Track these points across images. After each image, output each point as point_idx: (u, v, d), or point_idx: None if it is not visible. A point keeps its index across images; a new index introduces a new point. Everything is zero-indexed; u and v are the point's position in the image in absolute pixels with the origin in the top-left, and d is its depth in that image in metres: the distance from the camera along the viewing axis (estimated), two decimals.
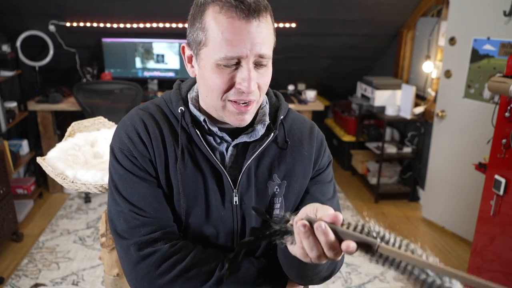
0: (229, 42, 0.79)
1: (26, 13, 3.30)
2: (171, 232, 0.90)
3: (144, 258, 0.86)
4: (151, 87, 3.80)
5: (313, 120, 4.46)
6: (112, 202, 0.91)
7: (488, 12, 2.66)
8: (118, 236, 0.89)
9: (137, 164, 0.90)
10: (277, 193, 0.95)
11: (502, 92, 1.84)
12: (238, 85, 0.82)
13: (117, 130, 0.94)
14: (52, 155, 1.50)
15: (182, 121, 0.91)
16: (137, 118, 0.93)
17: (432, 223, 3.29)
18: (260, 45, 0.80)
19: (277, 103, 1.00)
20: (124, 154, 0.90)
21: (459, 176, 3.01)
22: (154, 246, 0.87)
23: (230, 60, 0.80)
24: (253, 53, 0.80)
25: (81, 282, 2.49)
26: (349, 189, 3.88)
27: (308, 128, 1.01)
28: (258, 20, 0.79)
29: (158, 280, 0.86)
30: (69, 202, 3.45)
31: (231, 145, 0.93)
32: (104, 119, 1.83)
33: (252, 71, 0.81)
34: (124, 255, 0.89)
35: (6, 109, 3.13)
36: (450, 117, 3.02)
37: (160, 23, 3.50)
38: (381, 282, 2.57)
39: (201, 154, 0.91)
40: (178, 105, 0.92)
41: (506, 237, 1.98)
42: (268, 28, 0.82)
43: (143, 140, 0.90)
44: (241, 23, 0.78)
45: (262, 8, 0.80)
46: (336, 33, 3.72)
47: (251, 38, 0.79)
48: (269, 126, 0.95)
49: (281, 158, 0.95)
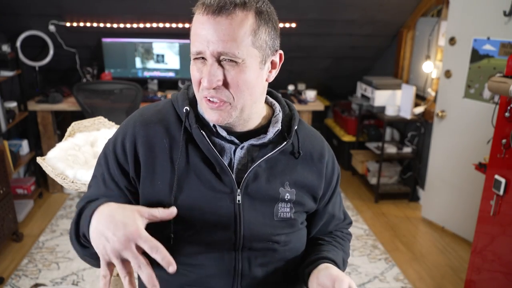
0: (194, 37, 0.83)
1: (26, 13, 3.30)
2: None
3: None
4: (151, 87, 3.80)
5: (313, 120, 4.47)
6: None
7: (488, 12, 2.66)
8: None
9: (111, 173, 0.93)
10: (287, 200, 0.95)
11: (502, 92, 1.84)
12: (202, 80, 0.84)
13: (114, 134, 0.97)
14: (52, 155, 1.51)
15: (185, 121, 0.91)
16: (131, 125, 0.94)
17: (432, 223, 3.29)
18: (221, 42, 0.79)
19: (290, 113, 1.01)
20: (107, 158, 0.94)
21: (459, 176, 3.01)
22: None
23: (195, 55, 0.83)
24: (211, 49, 0.80)
25: (81, 282, 2.49)
26: (349, 189, 3.88)
27: (319, 146, 1.03)
28: (225, 17, 0.79)
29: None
30: (69, 202, 3.45)
31: (239, 147, 0.93)
32: (104, 119, 1.83)
33: (212, 66, 0.81)
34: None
35: (6, 109, 3.13)
36: (450, 117, 3.02)
37: (160, 23, 3.50)
38: (381, 282, 2.57)
39: (201, 155, 0.91)
40: (184, 105, 0.92)
41: (506, 237, 1.98)
42: (239, 26, 0.80)
43: (126, 151, 0.92)
44: (205, 18, 0.80)
45: (230, 6, 0.79)
46: (336, 33, 3.72)
47: (210, 34, 0.79)
48: (283, 134, 0.96)
49: (293, 168, 0.97)
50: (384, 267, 2.71)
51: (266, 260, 0.96)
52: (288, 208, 0.95)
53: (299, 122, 1.01)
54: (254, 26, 0.82)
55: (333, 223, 1.11)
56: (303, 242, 1.03)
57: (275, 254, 0.96)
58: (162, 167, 0.91)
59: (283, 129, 0.97)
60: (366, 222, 3.29)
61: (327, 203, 1.07)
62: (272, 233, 0.94)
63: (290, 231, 0.98)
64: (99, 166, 0.97)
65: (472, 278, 2.16)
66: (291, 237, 0.98)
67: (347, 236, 1.15)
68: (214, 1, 0.79)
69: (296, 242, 1.00)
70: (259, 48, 0.84)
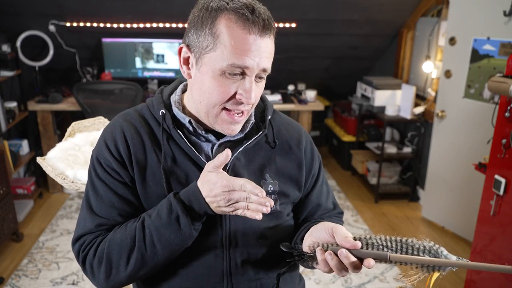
0: (240, 51, 0.81)
1: (26, 13, 3.30)
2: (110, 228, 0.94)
3: (83, 260, 0.92)
4: (151, 87, 3.80)
5: (313, 120, 4.46)
6: (81, 207, 0.96)
7: (488, 12, 2.66)
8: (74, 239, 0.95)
9: (110, 172, 0.92)
10: (270, 192, 0.97)
11: (502, 92, 1.84)
12: (239, 95, 0.85)
13: (99, 138, 0.97)
14: (52, 155, 1.51)
15: (163, 123, 0.93)
16: (117, 126, 0.95)
17: (432, 223, 3.29)
18: (266, 60, 0.85)
19: (262, 104, 1.03)
20: (100, 162, 0.93)
21: (459, 176, 3.01)
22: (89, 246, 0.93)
23: (236, 68, 0.82)
24: (260, 66, 0.84)
25: (81, 282, 2.49)
26: (349, 189, 3.88)
27: (296, 133, 1.04)
28: (268, 37, 0.84)
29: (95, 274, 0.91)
30: (69, 202, 3.45)
31: (216, 144, 0.95)
32: (104, 119, 1.83)
33: (253, 83, 0.85)
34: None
35: (6, 109, 3.13)
36: (450, 117, 3.02)
37: (160, 23, 3.50)
38: (381, 282, 2.57)
39: (184, 154, 0.93)
40: (159, 108, 0.95)
41: (506, 237, 1.98)
42: (273, 45, 0.87)
43: (119, 149, 0.92)
44: (255, 37, 0.82)
45: (272, 26, 0.85)
46: (336, 33, 3.72)
47: (261, 52, 0.83)
48: (258, 125, 0.98)
49: (271, 159, 0.99)
50: (384, 267, 2.71)
51: (254, 255, 0.97)
52: (273, 200, 0.96)
53: (274, 113, 1.04)
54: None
55: (319, 213, 1.09)
56: (291, 234, 1.03)
57: (263, 248, 0.97)
58: (151, 169, 0.92)
59: (257, 121, 0.99)
60: (366, 222, 3.29)
61: (310, 191, 1.07)
62: (259, 227, 0.95)
63: (277, 223, 0.98)
64: (92, 179, 0.95)
65: (472, 278, 2.16)
66: (278, 229, 0.99)
67: (339, 221, 1.12)
68: (260, 21, 0.82)
69: (283, 235, 1.00)
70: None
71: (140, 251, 0.87)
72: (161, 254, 0.87)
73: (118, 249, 0.88)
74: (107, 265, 0.88)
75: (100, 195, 0.92)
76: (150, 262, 0.88)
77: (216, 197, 0.83)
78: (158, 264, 0.89)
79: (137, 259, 0.87)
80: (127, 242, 0.87)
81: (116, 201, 0.92)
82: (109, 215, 0.92)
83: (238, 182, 0.82)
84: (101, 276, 0.89)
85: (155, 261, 0.88)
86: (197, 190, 0.85)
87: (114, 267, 0.88)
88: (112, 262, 0.88)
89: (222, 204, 0.83)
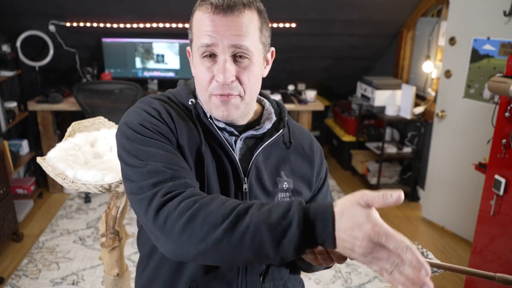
0: (201, 32, 0.84)
1: (26, 13, 3.30)
2: (191, 187, 0.80)
3: (162, 204, 0.76)
4: (151, 87, 3.80)
5: (313, 120, 4.46)
6: (127, 168, 0.84)
7: (488, 12, 2.66)
8: (133, 194, 0.81)
9: (158, 132, 0.85)
10: (285, 189, 0.98)
11: (502, 92, 1.84)
12: (216, 76, 0.85)
13: (133, 110, 0.90)
14: (52, 155, 1.50)
15: (194, 111, 0.93)
16: (154, 102, 0.92)
17: (432, 223, 3.29)
18: (236, 36, 0.83)
19: (278, 107, 1.05)
20: (144, 126, 0.85)
21: (459, 176, 3.01)
22: (172, 194, 0.77)
23: (203, 49, 0.84)
24: (228, 43, 0.83)
25: (81, 282, 2.49)
26: (349, 189, 3.88)
27: (308, 137, 1.07)
28: (237, 14, 0.83)
29: (179, 221, 0.73)
30: (69, 202, 3.45)
31: (239, 138, 0.96)
32: (104, 119, 1.83)
33: (227, 62, 0.84)
34: (140, 211, 0.79)
35: (6, 109, 3.13)
36: (450, 117, 3.02)
37: (160, 23, 3.50)
38: (381, 282, 2.57)
39: (215, 142, 0.93)
40: (188, 98, 0.95)
41: (506, 237, 1.98)
42: (249, 23, 0.85)
43: (164, 118, 0.88)
44: (214, 16, 0.83)
45: (239, 4, 0.84)
46: (336, 33, 3.72)
47: (223, 30, 0.83)
48: (275, 126, 1.00)
49: (286, 158, 1.00)
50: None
51: None
52: (287, 198, 0.98)
53: (288, 118, 1.06)
54: (259, 24, 0.88)
55: None
56: None
57: None
58: (189, 148, 0.89)
59: (275, 121, 1.01)
60: None
61: (315, 194, 1.08)
62: None
63: None
64: (134, 139, 0.84)
65: (472, 278, 2.16)
66: None
67: None
68: (222, 1, 0.83)
69: None
70: (263, 44, 0.90)
71: (225, 233, 0.69)
72: (240, 250, 0.69)
73: (204, 216, 0.72)
74: (186, 225, 0.72)
75: (151, 151, 0.83)
76: (221, 251, 0.71)
77: (355, 240, 0.63)
78: (224, 260, 0.73)
79: (217, 240, 0.70)
80: (216, 216, 0.71)
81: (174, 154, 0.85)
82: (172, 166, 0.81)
83: (395, 240, 0.60)
84: (174, 232, 0.73)
85: (226, 255, 0.71)
86: (330, 216, 0.66)
87: (192, 231, 0.72)
88: (195, 223, 0.72)
89: (357, 251, 0.63)
